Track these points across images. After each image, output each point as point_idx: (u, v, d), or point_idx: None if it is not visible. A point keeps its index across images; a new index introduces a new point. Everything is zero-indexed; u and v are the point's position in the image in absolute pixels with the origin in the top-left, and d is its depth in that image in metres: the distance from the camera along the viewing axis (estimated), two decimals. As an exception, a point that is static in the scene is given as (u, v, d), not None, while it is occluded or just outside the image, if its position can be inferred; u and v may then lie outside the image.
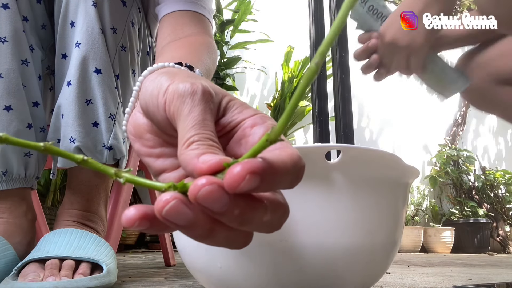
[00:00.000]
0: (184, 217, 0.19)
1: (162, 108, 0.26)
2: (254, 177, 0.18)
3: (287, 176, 0.20)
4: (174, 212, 0.18)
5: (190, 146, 0.22)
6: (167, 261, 1.09)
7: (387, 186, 0.38)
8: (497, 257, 2.38)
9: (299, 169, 0.21)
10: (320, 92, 1.52)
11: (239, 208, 0.19)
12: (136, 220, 0.19)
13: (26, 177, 0.63)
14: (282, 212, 0.21)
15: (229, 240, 0.21)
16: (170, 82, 0.26)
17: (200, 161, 0.20)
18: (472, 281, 0.77)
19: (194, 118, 0.24)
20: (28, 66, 0.62)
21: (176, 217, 0.19)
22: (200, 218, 0.19)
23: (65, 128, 0.60)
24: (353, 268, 0.36)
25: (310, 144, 0.34)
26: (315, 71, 0.17)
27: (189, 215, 0.19)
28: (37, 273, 0.51)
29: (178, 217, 0.19)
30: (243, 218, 0.19)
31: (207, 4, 0.63)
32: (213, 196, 0.18)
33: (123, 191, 0.80)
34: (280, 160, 0.20)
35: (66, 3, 0.61)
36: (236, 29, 2.73)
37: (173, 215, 0.19)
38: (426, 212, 3.46)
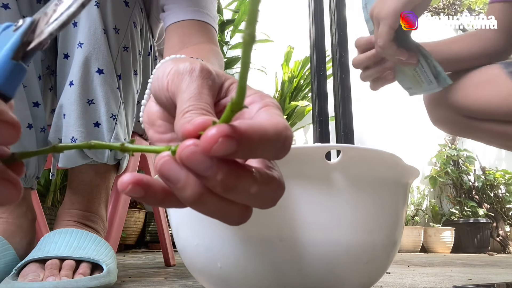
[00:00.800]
0: (174, 174, 0.19)
1: (165, 89, 0.27)
2: (229, 140, 0.18)
3: (269, 144, 0.20)
4: (167, 167, 0.19)
5: (184, 115, 0.22)
6: (167, 261, 1.09)
7: (387, 186, 0.38)
8: (497, 257, 2.38)
9: (283, 138, 0.21)
10: (320, 92, 1.52)
11: (222, 173, 0.19)
12: (129, 184, 0.20)
13: (26, 177, 0.63)
14: (274, 187, 0.22)
15: (220, 210, 0.21)
16: (173, 65, 0.28)
17: (188, 123, 0.21)
18: (472, 281, 0.77)
19: (190, 91, 0.25)
20: (28, 66, 0.62)
21: (168, 172, 0.19)
22: (190, 179, 0.20)
23: (66, 128, 0.60)
24: (353, 268, 0.36)
25: (310, 144, 0.34)
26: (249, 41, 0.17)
27: (179, 173, 0.19)
28: (37, 273, 0.51)
29: (170, 173, 0.19)
30: (227, 184, 0.19)
31: (212, 11, 0.64)
32: (195, 158, 0.19)
33: (123, 191, 0.80)
34: (260, 127, 0.20)
35: None
36: (236, 29, 2.73)
37: (165, 170, 0.19)
38: (426, 212, 3.46)
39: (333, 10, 1.55)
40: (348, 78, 1.51)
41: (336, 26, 1.53)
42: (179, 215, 0.40)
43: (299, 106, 2.82)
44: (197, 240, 0.37)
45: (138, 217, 2.41)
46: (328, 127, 1.52)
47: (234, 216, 0.22)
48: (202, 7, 0.63)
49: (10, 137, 0.18)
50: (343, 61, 1.50)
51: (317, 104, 1.51)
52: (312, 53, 1.57)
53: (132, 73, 0.66)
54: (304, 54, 2.76)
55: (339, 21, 1.54)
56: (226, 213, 0.21)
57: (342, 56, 1.50)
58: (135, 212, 2.38)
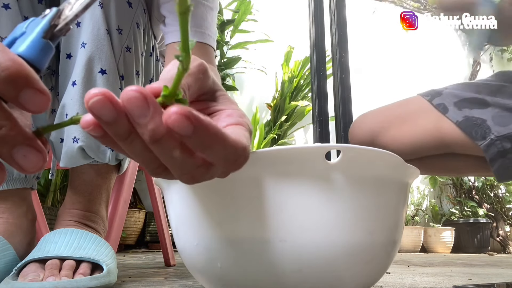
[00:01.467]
0: (107, 112, 0.21)
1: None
2: (187, 121, 0.20)
3: (222, 152, 0.23)
4: (99, 105, 0.21)
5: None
6: (167, 261, 1.09)
7: (387, 186, 0.38)
8: (497, 257, 2.38)
9: (238, 155, 0.24)
10: (320, 92, 1.52)
11: (153, 124, 0.21)
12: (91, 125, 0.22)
13: (26, 177, 0.63)
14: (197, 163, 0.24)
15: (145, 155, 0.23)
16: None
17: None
18: (472, 281, 0.77)
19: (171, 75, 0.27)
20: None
21: (100, 111, 0.21)
22: (122, 119, 0.21)
23: (68, 128, 0.60)
24: (353, 268, 0.36)
25: (310, 144, 0.34)
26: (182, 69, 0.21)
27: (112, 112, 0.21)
28: (37, 273, 0.51)
29: (102, 111, 0.21)
30: (154, 135, 0.21)
31: (212, 30, 0.65)
32: (136, 102, 0.21)
33: (123, 191, 0.80)
34: (221, 132, 0.23)
35: None
36: (236, 29, 2.73)
37: (97, 108, 0.21)
38: (426, 212, 3.46)
39: (333, 10, 1.55)
40: (348, 78, 1.51)
41: (336, 26, 1.53)
42: (179, 215, 0.40)
43: (299, 106, 2.82)
44: (197, 240, 0.37)
45: (138, 217, 2.41)
46: (328, 127, 1.52)
47: (153, 165, 0.24)
48: (204, 28, 0.63)
49: (42, 104, 0.20)
50: (343, 61, 1.50)
51: (317, 104, 1.51)
52: (312, 53, 1.57)
53: (134, 73, 0.66)
54: (304, 54, 2.76)
55: (339, 21, 1.54)
56: (148, 161, 0.24)
57: (342, 56, 1.50)
58: (135, 212, 2.38)
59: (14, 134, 0.20)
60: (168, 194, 0.41)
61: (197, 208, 0.37)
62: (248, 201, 0.34)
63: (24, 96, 0.20)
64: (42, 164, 0.21)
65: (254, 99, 3.14)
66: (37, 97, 0.20)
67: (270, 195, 0.34)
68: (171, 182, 0.40)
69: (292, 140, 3.06)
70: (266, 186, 0.34)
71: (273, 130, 2.68)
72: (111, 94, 0.21)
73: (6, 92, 0.20)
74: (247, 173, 0.34)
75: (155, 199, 1.07)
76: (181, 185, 0.38)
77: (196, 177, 0.25)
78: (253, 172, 0.34)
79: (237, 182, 0.34)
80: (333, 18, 1.55)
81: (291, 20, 3.20)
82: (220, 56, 2.73)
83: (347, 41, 1.53)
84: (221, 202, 0.35)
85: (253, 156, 0.34)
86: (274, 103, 2.87)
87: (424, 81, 3.70)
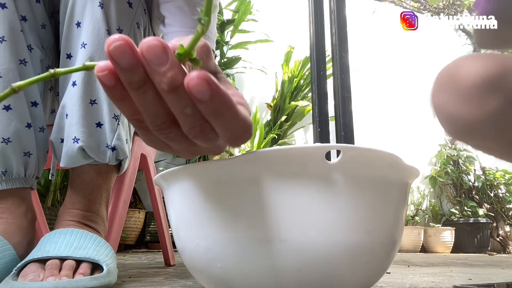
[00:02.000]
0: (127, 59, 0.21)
1: None
2: (206, 86, 0.21)
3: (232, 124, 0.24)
4: (120, 50, 0.21)
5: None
6: (167, 261, 1.09)
7: (387, 186, 0.38)
8: (497, 257, 2.38)
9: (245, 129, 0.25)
10: (320, 92, 1.52)
11: (173, 72, 0.22)
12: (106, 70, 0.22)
13: (26, 177, 0.63)
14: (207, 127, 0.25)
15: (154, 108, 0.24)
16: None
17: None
18: (472, 281, 0.77)
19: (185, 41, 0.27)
20: (26, 66, 0.62)
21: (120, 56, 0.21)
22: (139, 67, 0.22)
23: (69, 128, 0.60)
24: (353, 268, 0.36)
25: (310, 144, 0.34)
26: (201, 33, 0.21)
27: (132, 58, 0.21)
28: (37, 273, 0.51)
29: (122, 56, 0.21)
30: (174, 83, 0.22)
31: (211, 32, 0.65)
32: (155, 51, 0.21)
33: (123, 191, 0.80)
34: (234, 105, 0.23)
35: (72, 4, 0.61)
36: (236, 29, 2.73)
37: (118, 53, 0.21)
38: (426, 212, 3.45)
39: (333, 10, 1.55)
40: (348, 78, 1.51)
41: (336, 26, 1.53)
42: (179, 215, 0.40)
43: (299, 106, 2.82)
44: (197, 240, 0.37)
45: (138, 217, 2.41)
46: (328, 127, 1.52)
47: (159, 121, 0.25)
48: None
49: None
50: (343, 61, 1.50)
51: (317, 104, 1.51)
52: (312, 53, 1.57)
53: None
54: (304, 54, 2.76)
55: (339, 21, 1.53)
56: (156, 114, 0.24)
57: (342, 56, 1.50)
58: (135, 212, 2.38)
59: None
60: (168, 194, 0.41)
61: (197, 208, 0.37)
62: (248, 201, 0.34)
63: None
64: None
65: (254, 99, 3.14)
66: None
67: (270, 195, 0.34)
68: (171, 182, 0.40)
69: (292, 140, 3.06)
70: (266, 186, 0.34)
71: (273, 130, 2.68)
72: (131, 41, 0.21)
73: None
74: (247, 173, 0.34)
75: (155, 199, 1.07)
76: (181, 185, 0.38)
77: (205, 131, 0.25)
78: (253, 172, 0.34)
79: (237, 182, 0.34)
80: (333, 18, 1.55)
81: (291, 20, 3.20)
82: (220, 56, 2.73)
83: (347, 41, 1.53)
84: (221, 202, 0.35)
85: (253, 156, 0.34)
86: (274, 103, 2.87)
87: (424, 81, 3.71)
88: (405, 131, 3.53)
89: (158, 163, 2.62)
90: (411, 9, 3.72)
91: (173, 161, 2.74)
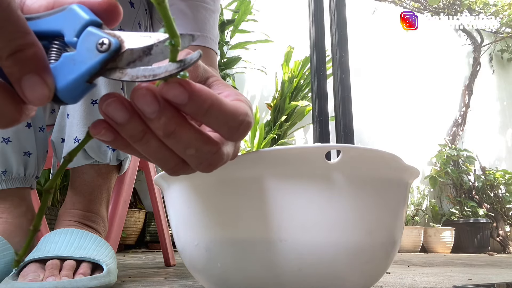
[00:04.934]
0: (119, 114, 0.22)
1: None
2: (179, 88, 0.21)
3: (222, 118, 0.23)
4: (113, 107, 0.22)
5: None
6: (167, 261, 1.09)
7: (387, 186, 0.38)
8: (497, 257, 2.38)
9: (240, 121, 0.24)
10: (320, 92, 1.52)
11: (165, 118, 0.22)
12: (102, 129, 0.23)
13: (25, 177, 0.63)
14: (213, 150, 0.25)
15: (160, 153, 0.24)
16: None
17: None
18: (472, 281, 0.77)
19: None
20: None
21: (113, 113, 0.22)
22: (135, 118, 0.22)
23: (70, 128, 0.60)
24: (353, 268, 0.36)
25: (310, 144, 0.34)
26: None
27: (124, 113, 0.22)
28: (37, 273, 0.51)
29: (115, 113, 0.22)
30: (167, 128, 0.22)
31: (214, 33, 0.65)
32: (145, 100, 0.21)
33: (123, 191, 0.80)
34: (217, 97, 0.23)
35: None
36: (236, 29, 2.73)
37: (111, 111, 0.22)
38: (426, 212, 3.46)
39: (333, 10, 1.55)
40: (348, 78, 1.51)
41: (336, 26, 1.53)
42: (179, 215, 0.40)
43: (299, 106, 2.82)
44: (197, 240, 0.37)
45: (138, 217, 2.41)
46: (328, 127, 1.52)
47: (171, 164, 0.25)
48: (206, 31, 0.63)
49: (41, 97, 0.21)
50: (343, 61, 1.50)
51: (317, 104, 1.51)
52: (312, 53, 1.57)
53: None
54: (304, 54, 2.76)
55: (339, 21, 1.54)
56: (165, 159, 0.25)
57: (342, 56, 1.50)
58: (135, 212, 2.38)
59: (31, 57, 0.20)
60: (168, 194, 0.41)
61: (197, 208, 0.37)
62: (248, 201, 0.34)
63: (26, 82, 0.20)
64: (45, 102, 0.21)
65: (254, 99, 3.14)
66: (39, 88, 0.20)
67: (270, 195, 0.34)
68: (171, 182, 0.40)
69: (292, 140, 3.06)
70: (266, 186, 0.34)
71: (273, 130, 2.68)
72: (122, 95, 0.22)
73: (11, 70, 0.19)
74: (247, 173, 0.34)
75: (155, 199, 1.07)
76: (181, 185, 0.38)
77: (213, 163, 0.25)
78: (253, 172, 0.34)
79: (237, 182, 0.34)
80: (333, 18, 1.55)
81: (291, 20, 3.20)
82: (220, 56, 2.73)
83: (347, 41, 1.53)
84: (221, 202, 0.35)
85: (253, 156, 0.34)
86: (274, 103, 2.87)
87: (424, 81, 3.71)
88: (405, 131, 3.53)
89: (158, 163, 2.61)
90: (411, 9, 3.72)
91: (173, 161, 2.74)
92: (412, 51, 3.70)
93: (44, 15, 0.22)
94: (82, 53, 0.21)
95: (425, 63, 3.74)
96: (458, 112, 3.86)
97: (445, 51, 3.89)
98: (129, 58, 0.21)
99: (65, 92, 0.21)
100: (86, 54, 0.21)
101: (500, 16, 3.73)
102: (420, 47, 3.73)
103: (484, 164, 3.70)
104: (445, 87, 3.81)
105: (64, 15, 0.21)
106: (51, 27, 0.21)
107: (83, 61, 0.21)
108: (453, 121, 3.82)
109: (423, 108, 3.63)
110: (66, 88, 0.21)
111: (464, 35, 4.00)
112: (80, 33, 0.21)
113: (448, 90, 3.83)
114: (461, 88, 3.92)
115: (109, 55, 0.20)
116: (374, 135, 3.39)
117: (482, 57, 4.00)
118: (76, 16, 0.21)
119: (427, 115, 3.66)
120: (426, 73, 3.73)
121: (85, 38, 0.21)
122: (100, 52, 0.20)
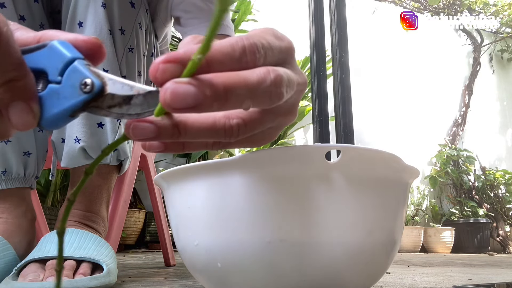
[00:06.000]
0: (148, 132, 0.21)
1: None
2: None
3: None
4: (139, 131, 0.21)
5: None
6: (167, 261, 1.09)
7: (387, 186, 0.38)
8: (497, 257, 2.38)
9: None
10: (320, 92, 1.52)
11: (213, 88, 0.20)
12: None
13: (25, 177, 0.63)
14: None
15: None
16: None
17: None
18: (472, 281, 0.77)
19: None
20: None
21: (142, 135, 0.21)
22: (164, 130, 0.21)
23: (70, 128, 0.60)
24: (353, 268, 0.36)
25: (310, 144, 0.34)
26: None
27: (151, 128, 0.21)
28: (37, 273, 0.51)
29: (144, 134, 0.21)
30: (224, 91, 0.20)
31: (228, 21, 0.66)
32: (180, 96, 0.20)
33: (123, 191, 0.80)
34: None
35: (74, 4, 0.61)
36: (236, 29, 2.73)
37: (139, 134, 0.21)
38: (426, 212, 3.46)
39: (333, 10, 1.55)
40: (348, 78, 1.51)
41: (336, 26, 1.53)
42: (179, 215, 0.40)
43: (299, 106, 2.82)
44: (197, 240, 0.37)
45: (138, 217, 2.41)
46: (328, 127, 1.52)
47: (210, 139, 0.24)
48: (224, 20, 0.64)
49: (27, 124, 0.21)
50: (343, 61, 1.50)
51: (317, 104, 1.51)
52: (312, 53, 1.57)
53: (136, 74, 0.66)
54: (304, 54, 2.75)
55: (339, 21, 1.54)
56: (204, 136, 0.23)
57: (342, 56, 1.50)
58: (135, 212, 2.38)
59: (22, 86, 0.20)
60: (168, 194, 0.41)
61: (197, 208, 0.37)
62: (247, 201, 0.34)
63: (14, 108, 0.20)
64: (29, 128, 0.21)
65: (254, 99, 3.13)
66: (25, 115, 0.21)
67: (270, 195, 0.34)
68: (171, 182, 0.40)
69: (292, 140, 3.06)
70: (266, 185, 0.34)
71: (273, 130, 2.67)
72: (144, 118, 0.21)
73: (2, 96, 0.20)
74: (247, 173, 0.34)
75: (155, 199, 1.07)
76: (181, 185, 0.38)
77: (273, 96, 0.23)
78: (253, 172, 0.34)
79: (236, 182, 0.34)
80: (333, 18, 1.55)
81: (291, 20, 3.20)
82: (220, 56, 2.72)
83: (347, 41, 1.53)
84: (220, 202, 0.35)
85: (253, 156, 0.34)
86: (274, 103, 2.87)
87: (424, 81, 3.71)
88: (405, 131, 3.53)
89: (158, 163, 2.62)
90: (411, 9, 3.72)
91: (173, 161, 2.74)
92: (412, 51, 3.70)
93: (27, 50, 0.22)
94: (66, 89, 0.21)
95: (425, 63, 3.74)
96: (458, 112, 3.86)
97: (445, 51, 3.89)
98: (110, 103, 0.21)
99: (48, 123, 0.22)
100: (69, 91, 0.21)
101: (500, 16, 3.73)
102: (420, 47, 3.73)
103: (484, 164, 3.70)
104: (445, 87, 3.81)
105: (46, 53, 0.22)
106: (35, 64, 0.22)
107: (66, 98, 0.21)
108: (453, 121, 3.82)
109: (423, 108, 3.63)
110: (49, 119, 0.21)
111: (464, 35, 4.00)
112: (63, 71, 0.21)
113: (448, 90, 3.83)
114: (461, 88, 3.92)
115: (91, 96, 0.21)
116: (374, 135, 3.39)
117: (482, 57, 4.00)
118: (58, 54, 0.21)
119: (427, 115, 3.66)
120: (426, 73, 3.73)
121: (70, 74, 0.21)
122: (83, 93, 0.21)
